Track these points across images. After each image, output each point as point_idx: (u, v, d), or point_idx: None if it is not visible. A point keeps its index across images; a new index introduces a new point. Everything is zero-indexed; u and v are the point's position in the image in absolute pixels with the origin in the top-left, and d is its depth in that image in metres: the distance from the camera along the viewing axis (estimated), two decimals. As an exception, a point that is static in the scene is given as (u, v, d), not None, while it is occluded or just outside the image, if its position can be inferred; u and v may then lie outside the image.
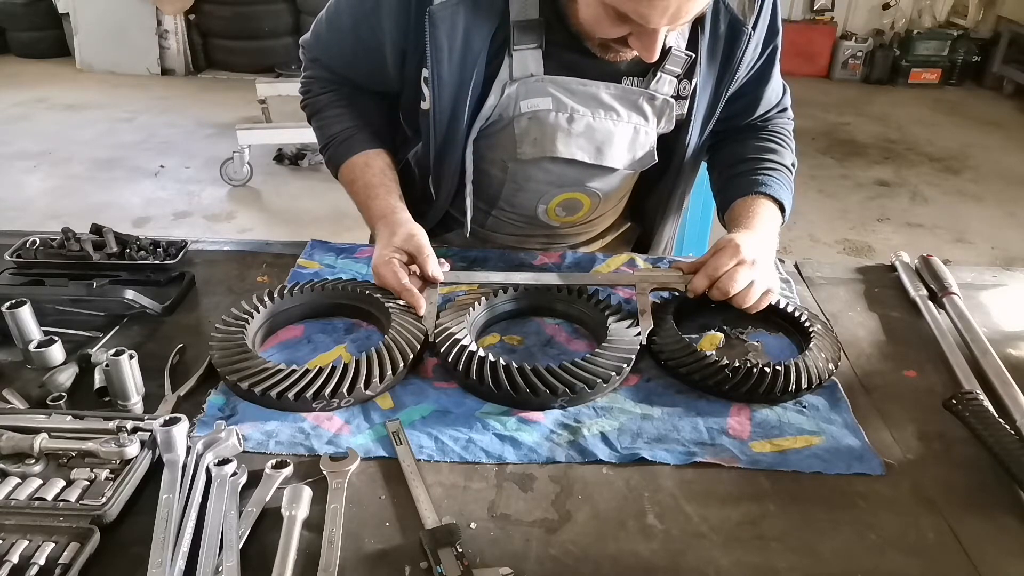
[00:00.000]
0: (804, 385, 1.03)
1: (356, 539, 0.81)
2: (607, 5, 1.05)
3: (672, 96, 1.30)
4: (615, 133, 1.29)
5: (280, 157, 5.52)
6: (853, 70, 8.48)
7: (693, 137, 1.37)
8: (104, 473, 0.86)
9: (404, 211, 1.30)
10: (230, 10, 7.64)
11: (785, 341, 1.19)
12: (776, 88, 1.45)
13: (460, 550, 0.77)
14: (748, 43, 1.27)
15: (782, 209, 1.35)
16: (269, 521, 0.82)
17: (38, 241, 1.35)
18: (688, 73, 1.28)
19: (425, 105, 1.28)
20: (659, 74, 1.26)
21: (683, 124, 1.34)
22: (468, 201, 1.38)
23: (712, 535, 0.83)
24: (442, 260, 1.25)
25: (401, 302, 1.17)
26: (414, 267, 1.22)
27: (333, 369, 1.01)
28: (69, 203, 4.91)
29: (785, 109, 1.51)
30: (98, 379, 1.03)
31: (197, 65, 7.93)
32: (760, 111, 1.45)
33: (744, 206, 1.33)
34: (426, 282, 1.21)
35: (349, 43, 1.33)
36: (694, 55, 1.25)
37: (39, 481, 0.85)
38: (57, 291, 1.22)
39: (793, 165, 1.44)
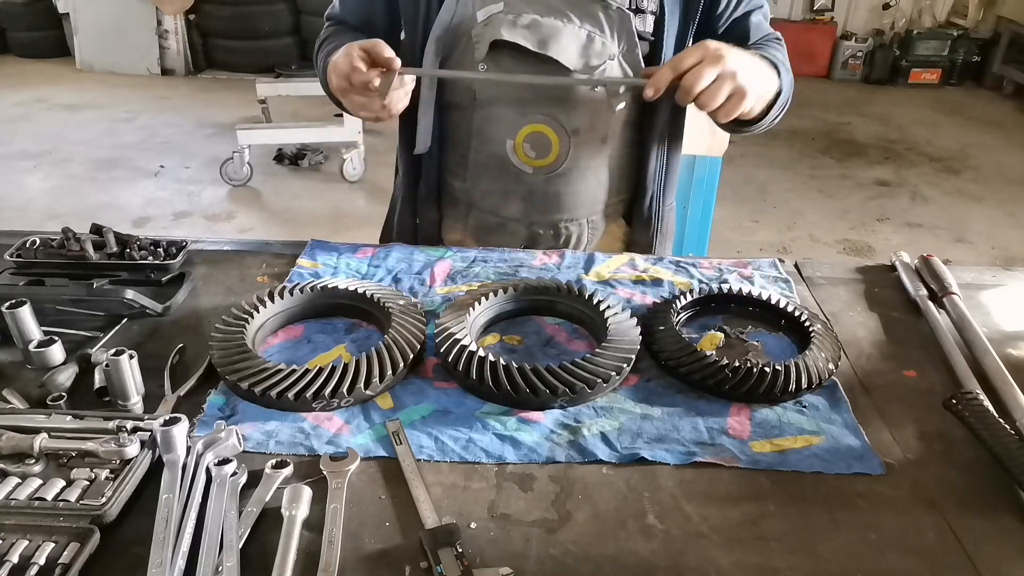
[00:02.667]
0: (804, 385, 1.03)
1: (356, 539, 0.81)
2: None
3: (629, 8, 1.33)
4: (563, 31, 1.33)
5: (280, 157, 5.52)
6: (853, 70, 8.49)
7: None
8: (104, 473, 0.86)
9: None
10: (230, 10, 7.65)
11: (785, 341, 1.19)
12: (766, 16, 1.47)
13: (460, 550, 0.77)
14: None
15: (777, 72, 1.33)
16: (269, 521, 0.82)
17: (38, 241, 1.35)
18: None
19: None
20: None
21: (655, 49, 1.37)
22: (424, 114, 1.42)
23: (712, 535, 0.83)
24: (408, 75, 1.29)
25: (401, 302, 1.18)
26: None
27: (333, 369, 1.01)
28: (69, 203, 4.91)
29: (779, 37, 1.51)
30: (98, 379, 1.03)
31: (197, 65, 7.94)
32: (752, 41, 1.45)
33: None
34: (386, 72, 1.23)
35: None
36: None
37: (39, 481, 0.85)
38: (57, 291, 1.22)
39: (789, 69, 1.42)
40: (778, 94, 1.34)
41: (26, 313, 1.09)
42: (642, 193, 1.55)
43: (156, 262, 1.32)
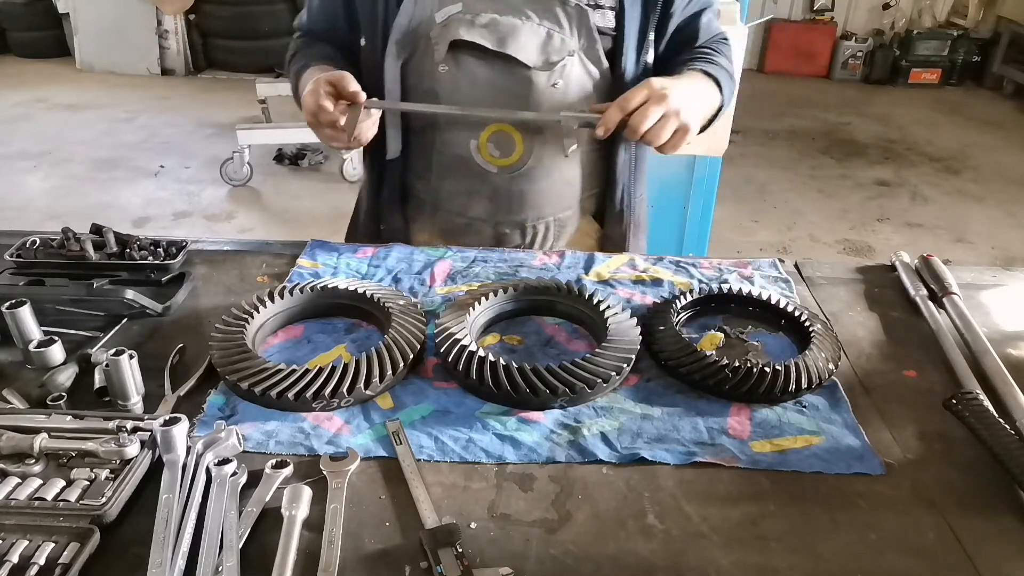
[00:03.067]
0: (804, 385, 1.03)
1: (356, 539, 0.81)
2: None
3: (588, 3, 1.35)
4: (522, 29, 1.35)
5: (280, 157, 5.52)
6: (853, 70, 8.49)
7: (628, 64, 1.40)
8: (104, 473, 0.86)
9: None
10: (230, 10, 7.64)
11: (785, 341, 1.19)
12: (715, 16, 1.52)
13: (460, 550, 0.77)
14: None
15: (719, 88, 1.38)
16: (269, 521, 0.82)
17: (38, 241, 1.35)
18: None
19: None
20: None
21: (617, 50, 1.39)
22: (391, 119, 1.43)
23: (712, 535, 0.83)
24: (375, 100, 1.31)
25: (401, 302, 1.18)
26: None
27: (333, 369, 1.01)
28: (69, 203, 4.91)
29: (726, 38, 1.55)
30: (98, 379, 1.03)
31: (197, 65, 7.94)
32: (701, 40, 1.50)
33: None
34: (352, 106, 1.26)
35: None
36: None
37: (39, 481, 0.85)
38: (57, 291, 1.22)
39: (733, 75, 1.49)
40: (720, 107, 1.41)
41: (26, 313, 1.09)
42: (612, 187, 1.55)
43: (156, 262, 1.32)
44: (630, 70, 1.42)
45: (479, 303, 1.18)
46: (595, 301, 1.19)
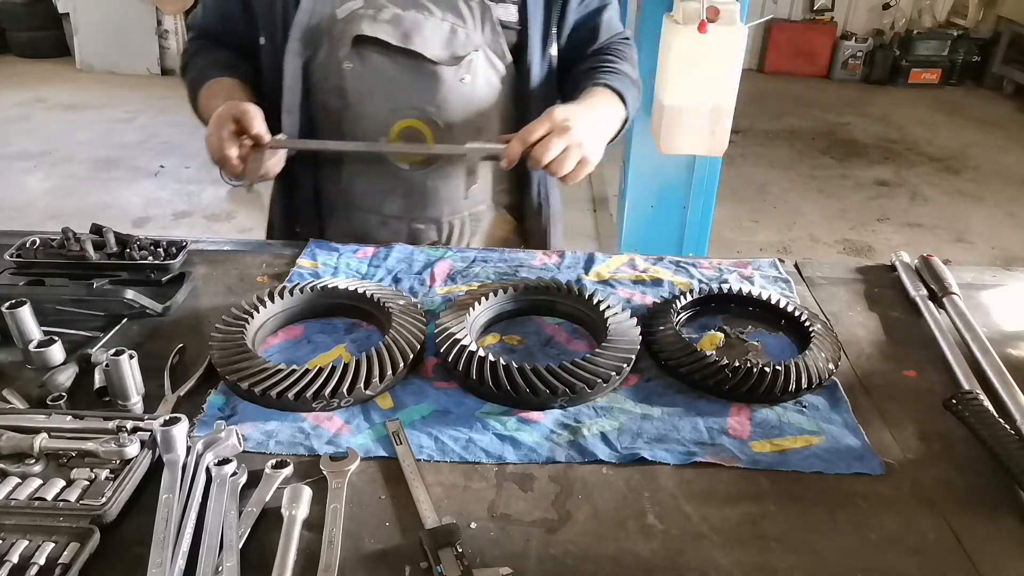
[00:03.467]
0: (804, 385, 1.03)
1: (356, 539, 0.81)
2: None
3: None
4: (425, 24, 1.35)
5: (280, 157, 5.51)
6: (853, 70, 8.49)
7: (533, 59, 1.41)
8: (104, 473, 0.86)
9: (243, 98, 1.31)
10: (230, 10, 7.63)
11: (785, 341, 1.19)
12: (616, 16, 1.54)
13: (460, 550, 0.77)
14: None
15: (623, 101, 1.39)
16: (269, 521, 0.82)
17: (38, 241, 1.35)
18: None
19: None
20: None
21: (522, 44, 1.40)
22: (289, 118, 1.39)
23: (712, 535, 0.83)
24: (281, 136, 1.27)
25: (401, 302, 1.18)
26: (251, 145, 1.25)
27: (333, 369, 1.01)
28: (69, 203, 4.91)
29: (628, 38, 1.56)
30: (98, 379, 1.03)
31: (197, 65, 7.93)
32: (602, 38, 1.52)
33: (581, 94, 1.38)
34: (256, 147, 1.21)
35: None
36: None
37: (39, 481, 0.85)
38: (57, 291, 1.22)
39: (636, 83, 1.49)
40: (626, 120, 1.43)
41: (26, 313, 1.09)
42: (527, 182, 1.56)
43: (156, 262, 1.32)
44: (535, 64, 1.43)
45: (479, 303, 1.18)
46: (595, 301, 1.19)
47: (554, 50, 1.46)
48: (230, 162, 1.17)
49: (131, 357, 0.98)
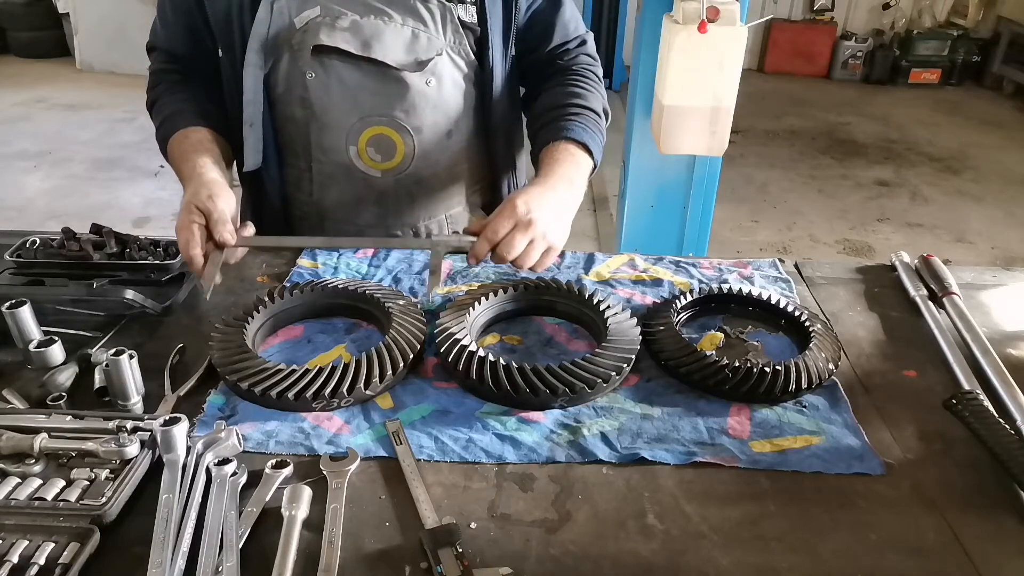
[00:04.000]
0: (804, 385, 1.03)
1: (356, 539, 0.81)
2: None
3: (450, 0, 1.34)
4: (385, 31, 1.32)
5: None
6: (853, 70, 8.49)
7: (496, 58, 1.40)
8: (104, 473, 0.86)
9: (213, 170, 1.25)
10: (230, 10, 7.63)
11: (785, 341, 1.19)
12: (573, 22, 1.49)
13: (460, 550, 0.77)
14: None
15: (590, 152, 1.36)
16: (269, 521, 0.82)
17: (38, 241, 1.35)
18: None
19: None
20: None
21: (483, 44, 1.38)
22: (252, 130, 1.37)
23: (712, 535, 0.83)
24: (248, 223, 1.22)
25: (401, 302, 1.18)
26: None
27: (333, 369, 1.01)
28: (69, 203, 4.91)
29: (585, 42, 1.52)
30: (98, 379, 1.03)
31: (197, 65, 7.92)
32: (557, 40, 1.47)
33: (548, 154, 1.33)
34: (219, 246, 1.15)
35: (169, 9, 1.39)
36: None
37: (39, 481, 0.85)
38: (57, 291, 1.22)
39: (604, 111, 1.45)
40: (593, 169, 1.38)
41: (26, 313, 1.09)
42: (497, 179, 1.55)
43: (156, 262, 1.32)
44: (498, 63, 1.42)
45: (479, 303, 1.18)
46: (595, 301, 1.19)
47: (510, 49, 1.44)
48: (194, 264, 1.12)
49: (131, 357, 0.98)
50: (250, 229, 1.21)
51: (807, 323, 1.16)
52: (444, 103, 1.40)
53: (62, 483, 0.85)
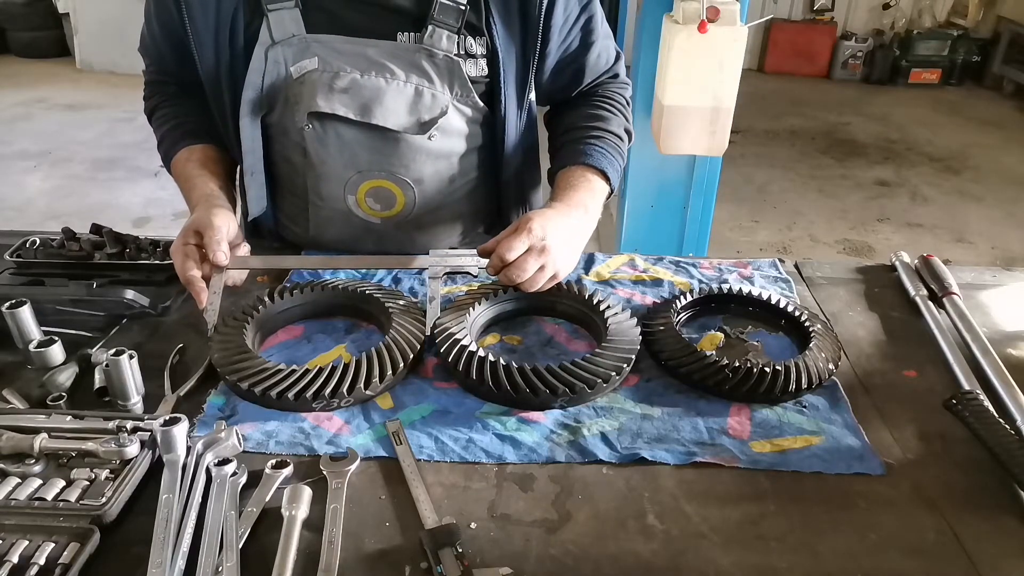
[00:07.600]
0: (804, 385, 1.03)
1: (356, 539, 0.81)
2: None
3: (458, 54, 1.24)
4: (386, 91, 1.23)
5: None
6: (853, 70, 8.49)
7: (509, 108, 1.32)
8: (104, 473, 0.86)
9: (216, 196, 1.23)
10: (230, 10, 7.63)
11: (785, 341, 1.19)
12: (604, 54, 1.42)
13: (460, 550, 0.77)
14: None
15: (607, 178, 1.31)
16: (269, 521, 0.82)
17: (38, 241, 1.35)
18: (474, 29, 1.24)
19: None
20: (430, 27, 1.21)
21: (495, 92, 1.30)
22: (253, 179, 1.33)
23: (712, 535, 0.83)
24: (244, 243, 1.20)
25: (401, 302, 1.18)
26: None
27: (333, 369, 1.01)
28: (69, 203, 4.91)
29: (617, 75, 1.46)
30: (98, 379, 1.03)
31: (197, 65, 7.92)
32: (588, 80, 1.42)
33: (564, 178, 1.29)
34: (217, 267, 1.13)
35: (159, 34, 1.32)
36: (466, 5, 1.21)
37: (39, 481, 0.85)
38: (57, 291, 1.22)
39: (627, 133, 1.40)
40: (609, 194, 1.34)
41: (26, 313, 1.10)
42: (505, 210, 1.47)
43: (156, 262, 1.32)
44: (511, 111, 1.33)
45: (479, 303, 1.18)
46: (595, 301, 1.19)
47: (533, 95, 1.37)
48: (192, 286, 1.09)
49: (131, 357, 0.98)
50: (245, 249, 1.20)
51: (807, 323, 1.16)
52: (447, 153, 1.34)
53: (62, 483, 0.85)
